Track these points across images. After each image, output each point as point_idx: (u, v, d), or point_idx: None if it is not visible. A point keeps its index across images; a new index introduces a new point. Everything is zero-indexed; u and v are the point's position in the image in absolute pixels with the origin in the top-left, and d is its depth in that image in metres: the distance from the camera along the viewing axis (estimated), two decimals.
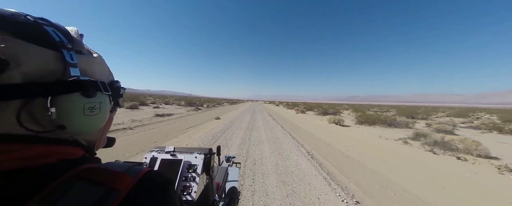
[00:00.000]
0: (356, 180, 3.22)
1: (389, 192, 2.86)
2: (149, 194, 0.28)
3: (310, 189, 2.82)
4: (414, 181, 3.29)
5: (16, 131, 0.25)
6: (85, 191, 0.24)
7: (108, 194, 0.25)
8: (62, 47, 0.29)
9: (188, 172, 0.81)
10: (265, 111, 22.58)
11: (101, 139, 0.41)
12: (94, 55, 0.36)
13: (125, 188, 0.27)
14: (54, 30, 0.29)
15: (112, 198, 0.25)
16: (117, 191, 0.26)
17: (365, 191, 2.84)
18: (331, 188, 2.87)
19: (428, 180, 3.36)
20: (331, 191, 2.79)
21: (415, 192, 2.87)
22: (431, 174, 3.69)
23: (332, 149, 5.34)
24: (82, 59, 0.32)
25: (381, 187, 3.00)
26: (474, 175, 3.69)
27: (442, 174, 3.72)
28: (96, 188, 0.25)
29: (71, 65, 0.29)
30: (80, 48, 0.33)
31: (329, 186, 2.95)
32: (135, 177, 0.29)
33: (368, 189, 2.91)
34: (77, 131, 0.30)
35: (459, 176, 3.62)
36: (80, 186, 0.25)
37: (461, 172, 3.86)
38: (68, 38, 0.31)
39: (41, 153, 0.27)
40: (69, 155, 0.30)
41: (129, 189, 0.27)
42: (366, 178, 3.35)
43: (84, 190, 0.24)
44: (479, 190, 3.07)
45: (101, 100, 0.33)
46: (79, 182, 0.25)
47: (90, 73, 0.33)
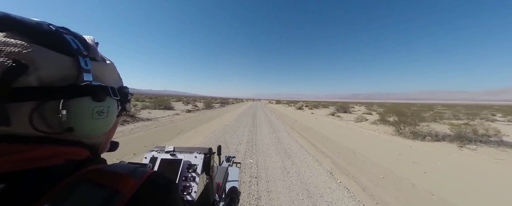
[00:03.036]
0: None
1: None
2: (152, 196, 0.29)
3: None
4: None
5: (27, 131, 0.26)
6: (89, 193, 0.25)
7: (112, 196, 0.25)
8: (78, 54, 0.30)
9: (188, 172, 0.80)
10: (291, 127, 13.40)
11: (106, 143, 0.41)
12: (107, 62, 0.39)
13: (129, 190, 0.27)
14: (73, 38, 0.31)
15: (116, 200, 0.25)
16: (121, 193, 0.26)
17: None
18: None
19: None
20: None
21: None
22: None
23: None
24: (95, 66, 0.34)
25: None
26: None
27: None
28: (100, 190, 0.26)
29: (85, 71, 0.30)
30: (95, 55, 0.35)
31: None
32: (139, 179, 0.30)
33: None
34: (84, 133, 0.31)
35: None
36: (85, 188, 0.25)
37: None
38: (85, 45, 0.33)
39: (49, 154, 0.27)
40: (75, 156, 0.31)
41: (133, 191, 0.28)
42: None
43: (89, 192, 0.25)
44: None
45: (110, 105, 0.34)
46: (84, 184, 0.26)
47: (102, 78, 0.35)
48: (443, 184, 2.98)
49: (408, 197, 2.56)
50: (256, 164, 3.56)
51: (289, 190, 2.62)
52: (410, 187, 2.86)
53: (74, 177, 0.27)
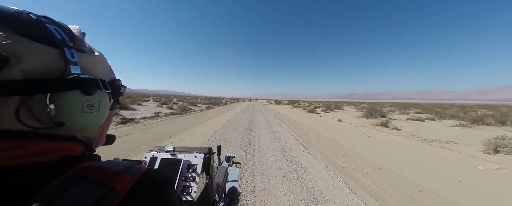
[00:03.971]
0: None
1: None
2: (148, 193, 0.28)
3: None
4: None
5: (15, 127, 0.25)
6: (84, 190, 0.24)
7: (107, 194, 0.25)
8: (63, 45, 0.29)
9: (187, 172, 0.78)
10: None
11: (100, 137, 0.40)
12: (95, 53, 0.37)
13: (124, 187, 0.27)
14: (57, 28, 0.30)
15: (111, 197, 0.25)
16: (116, 190, 0.26)
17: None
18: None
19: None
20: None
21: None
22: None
23: None
24: (83, 58, 0.32)
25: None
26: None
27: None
28: (95, 187, 0.25)
29: (72, 63, 0.29)
30: (82, 46, 0.33)
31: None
32: (134, 176, 0.29)
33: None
34: (76, 128, 0.30)
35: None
36: (80, 185, 0.25)
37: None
38: (70, 36, 0.31)
39: (41, 150, 0.27)
40: (69, 151, 0.30)
41: (128, 188, 0.27)
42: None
43: (84, 189, 0.24)
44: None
45: (101, 98, 0.33)
46: (78, 181, 0.25)
47: (91, 71, 0.33)
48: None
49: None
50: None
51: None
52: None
53: (69, 173, 0.26)
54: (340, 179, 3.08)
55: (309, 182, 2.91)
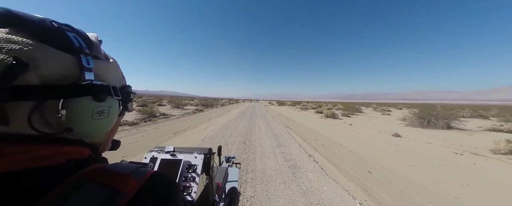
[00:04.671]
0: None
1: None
2: (154, 196, 0.29)
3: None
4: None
5: (26, 131, 0.25)
6: (91, 193, 0.24)
7: (114, 196, 0.25)
8: (80, 53, 0.29)
9: (188, 172, 0.79)
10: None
11: (107, 142, 0.41)
12: (110, 60, 0.37)
13: (131, 190, 0.27)
14: (76, 36, 0.30)
15: (118, 200, 0.25)
16: (123, 193, 0.26)
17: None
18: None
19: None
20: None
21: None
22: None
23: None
24: (98, 64, 0.32)
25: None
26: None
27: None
28: (102, 190, 0.25)
29: (87, 69, 0.29)
30: (98, 53, 0.34)
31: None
32: (141, 179, 0.29)
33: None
34: (84, 134, 0.31)
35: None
36: (87, 188, 0.25)
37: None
38: (88, 43, 0.32)
39: (49, 153, 0.27)
40: (76, 154, 0.30)
41: (134, 191, 0.27)
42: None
43: (91, 192, 0.25)
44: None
45: (111, 105, 0.33)
46: (85, 183, 0.25)
47: (104, 77, 0.34)
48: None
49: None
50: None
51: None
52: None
53: (76, 176, 0.26)
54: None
55: None
